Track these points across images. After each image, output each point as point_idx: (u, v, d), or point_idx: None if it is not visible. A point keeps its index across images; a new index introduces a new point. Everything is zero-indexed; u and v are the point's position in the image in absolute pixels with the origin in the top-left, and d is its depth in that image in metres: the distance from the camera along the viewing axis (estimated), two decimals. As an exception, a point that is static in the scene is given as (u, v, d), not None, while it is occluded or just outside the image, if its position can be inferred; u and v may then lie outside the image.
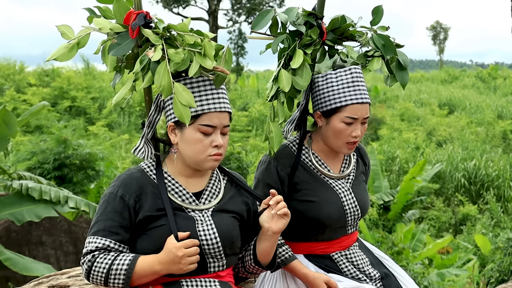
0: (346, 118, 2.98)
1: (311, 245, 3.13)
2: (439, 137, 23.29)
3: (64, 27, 2.61)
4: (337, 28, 3.09)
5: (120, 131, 21.26)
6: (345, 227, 3.14)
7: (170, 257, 2.48)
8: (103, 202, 2.60)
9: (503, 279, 9.19)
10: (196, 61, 2.53)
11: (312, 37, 3.03)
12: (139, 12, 2.57)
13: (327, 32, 3.07)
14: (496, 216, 14.79)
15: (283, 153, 3.11)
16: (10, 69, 25.89)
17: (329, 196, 3.08)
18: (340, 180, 3.16)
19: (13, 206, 7.70)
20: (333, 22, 3.06)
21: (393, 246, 10.47)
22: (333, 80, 3.02)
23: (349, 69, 3.02)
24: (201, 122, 2.57)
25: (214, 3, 34.22)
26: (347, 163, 3.23)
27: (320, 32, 3.04)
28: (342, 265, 3.12)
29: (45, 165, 11.21)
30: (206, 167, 2.64)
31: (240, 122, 22.60)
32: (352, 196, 3.14)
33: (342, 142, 3.02)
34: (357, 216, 3.17)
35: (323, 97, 3.03)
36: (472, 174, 17.91)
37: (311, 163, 3.12)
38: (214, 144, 2.59)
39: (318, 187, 3.09)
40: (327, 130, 3.04)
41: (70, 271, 3.81)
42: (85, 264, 2.53)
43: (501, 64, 69.38)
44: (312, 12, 3.03)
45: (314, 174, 3.11)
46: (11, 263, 7.38)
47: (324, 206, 3.05)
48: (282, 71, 2.95)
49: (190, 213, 2.62)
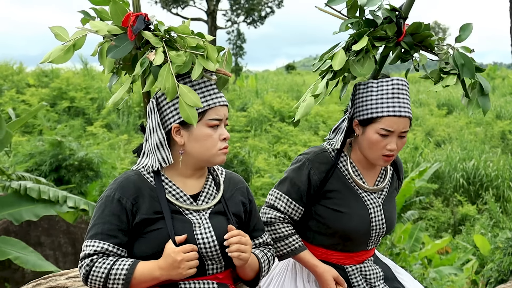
0: (381, 130, 2.89)
1: (328, 253, 3.10)
2: (438, 137, 23.27)
3: (57, 28, 2.58)
4: (417, 33, 2.97)
5: (119, 131, 21.24)
6: (366, 243, 3.10)
7: (169, 262, 2.47)
8: (100, 205, 2.59)
9: (503, 279, 9.18)
10: (199, 63, 2.52)
11: (387, 32, 2.92)
12: (138, 14, 2.55)
13: (406, 35, 2.95)
14: (495, 216, 14.78)
15: (320, 157, 3.05)
16: (9, 70, 25.87)
17: (359, 210, 3.02)
18: (373, 194, 3.09)
19: (11, 206, 7.69)
20: (415, 26, 2.94)
21: (392, 247, 10.46)
22: (373, 89, 2.93)
23: (391, 79, 2.93)
24: (209, 117, 2.58)
25: (212, 3, 34.20)
26: (383, 177, 3.16)
27: (398, 32, 2.93)
28: (354, 279, 3.09)
29: (42, 167, 11.19)
30: (217, 162, 2.64)
31: (239, 123, 22.57)
32: (381, 213, 3.08)
33: (377, 154, 2.94)
34: (381, 234, 3.12)
35: (362, 105, 2.95)
36: (471, 174, 17.89)
37: (347, 172, 3.05)
38: (223, 137, 2.61)
39: (349, 199, 3.03)
40: (362, 140, 2.97)
41: (68, 272, 3.81)
42: (83, 268, 2.51)
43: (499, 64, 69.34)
44: (397, 9, 2.92)
45: (348, 184, 3.05)
46: (21, 262, 7.38)
47: (352, 219, 3.00)
48: (340, 50, 2.86)
49: (187, 215, 2.61)
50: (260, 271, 2.78)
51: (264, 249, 2.88)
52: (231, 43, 37.22)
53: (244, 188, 2.85)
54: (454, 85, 2.92)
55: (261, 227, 2.92)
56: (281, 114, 23.99)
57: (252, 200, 2.87)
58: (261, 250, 2.85)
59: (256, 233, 2.87)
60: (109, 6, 2.58)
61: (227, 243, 2.56)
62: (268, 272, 2.88)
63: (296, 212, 3.06)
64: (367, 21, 2.90)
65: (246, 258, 2.59)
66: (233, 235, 2.58)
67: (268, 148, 19.67)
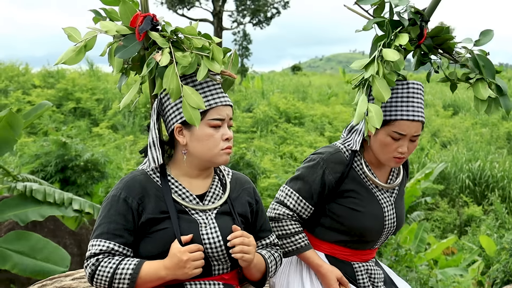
0: (393, 133, 2.91)
1: (335, 248, 3.11)
2: (444, 138, 23.25)
3: (70, 29, 2.59)
4: (438, 36, 2.98)
5: (124, 132, 21.26)
6: (375, 242, 3.13)
7: (174, 262, 2.47)
8: (106, 204, 2.59)
9: (509, 280, 9.17)
10: (204, 65, 2.52)
11: (411, 34, 2.91)
12: (146, 14, 2.56)
13: (426, 37, 2.95)
14: (501, 217, 14.76)
15: (336, 157, 3.05)
16: (15, 71, 25.91)
17: (374, 209, 3.04)
18: (386, 192, 3.12)
19: (17, 208, 7.69)
20: (437, 30, 2.95)
21: (398, 248, 10.44)
22: (404, 90, 2.94)
23: (407, 83, 2.94)
24: (211, 117, 2.58)
25: (218, 4, 34.21)
26: (395, 175, 3.18)
27: (419, 34, 2.94)
28: (360, 276, 3.10)
29: (48, 168, 11.19)
30: (219, 162, 2.63)
31: (244, 123, 22.56)
32: (393, 211, 3.12)
33: (388, 156, 2.96)
34: (391, 232, 3.15)
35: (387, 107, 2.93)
36: (477, 175, 17.87)
37: (362, 171, 3.07)
38: (225, 137, 2.60)
39: (365, 198, 3.05)
40: (375, 141, 2.98)
41: (74, 273, 3.81)
42: (88, 267, 2.51)
43: (505, 65, 69.26)
44: (421, 12, 2.92)
45: (363, 183, 3.06)
46: (19, 270, 7.35)
47: (367, 219, 3.02)
48: (384, 49, 2.79)
49: (193, 215, 2.61)
50: (266, 272, 2.78)
51: (271, 249, 2.88)
52: (237, 44, 37.23)
53: (251, 189, 2.85)
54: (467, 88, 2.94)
55: (268, 227, 2.91)
56: (287, 115, 23.99)
57: (259, 200, 2.87)
58: (268, 251, 2.85)
59: (263, 234, 2.87)
60: (119, 6, 2.59)
61: (230, 244, 2.56)
62: (275, 273, 2.88)
63: (306, 210, 3.06)
64: (392, 22, 2.90)
65: (249, 259, 2.59)
66: (236, 236, 2.58)
67: (274, 149, 19.66)
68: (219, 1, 34.24)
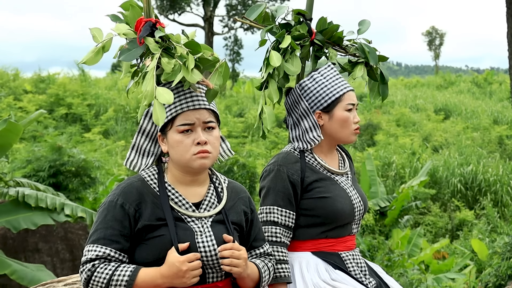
0: (347, 105, 3.18)
1: (319, 242, 3.16)
2: (435, 143, 23.28)
3: (95, 30, 2.64)
4: (325, 29, 3.30)
5: (116, 137, 21.24)
6: (351, 224, 3.21)
7: (173, 271, 2.47)
8: (102, 210, 2.59)
9: (501, 284, 9.19)
10: (181, 72, 2.52)
11: (301, 31, 3.21)
12: (147, 20, 2.59)
13: (316, 33, 3.25)
14: (493, 222, 14.78)
15: (290, 158, 3.17)
16: (5, 77, 25.84)
17: (340, 192, 3.16)
18: (343, 176, 3.26)
19: (9, 214, 7.70)
20: (321, 23, 3.29)
21: (390, 253, 10.46)
22: (320, 77, 3.20)
23: (328, 65, 3.24)
24: (178, 123, 2.58)
25: (209, 9, 34.21)
26: (343, 161, 3.35)
27: (308, 31, 3.23)
28: (349, 264, 3.17)
29: (40, 173, 11.16)
30: (195, 167, 2.61)
31: (236, 128, 22.55)
32: (355, 192, 3.25)
33: (349, 130, 3.19)
34: (362, 212, 3.25)
35: (319, 95, 3.18)
36: (469, 180, 17.89)
37: (316, 162, 3.19)
38: (196, 141, 2.58)
39: (328, 184, 3.16)
40: (332, 124, 3.19)
41: (66, 279, 3.80)
42: (84, 273, 2.51)
43: (496, 69, 69.52)
44: (301, 12, 3.23)
45: (321, 172, 3.18)
46: (18, 277, 7.34)
47: (337, 201, 3.12)
48: (272, 51, 3.11)
49: (189, 223, 2.61)
50: (260, 281, 2.78)
51: (265, 259, 2.87)
52: (228, 49, 37.23)
53: (246, 198, 2.86)
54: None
55: (262, 237, 2.92)
56: (278, 120, 24.01)
57: (254, 209, 2.87)
58: (262, 260, 2.85)
59: (257, 243, 2.87)
60: (129, 11, 2.66)
61: (220, 255, 2.57)
62: (268, 282, 2.88)
63: (290, 218, 3.11)
64: (281, 25, 3.24)
65: (237, 272, 2.60)
66: (226, 248, 2.58)
67: (266, 153, 19.65)
68: (210, 6, 34.25)
